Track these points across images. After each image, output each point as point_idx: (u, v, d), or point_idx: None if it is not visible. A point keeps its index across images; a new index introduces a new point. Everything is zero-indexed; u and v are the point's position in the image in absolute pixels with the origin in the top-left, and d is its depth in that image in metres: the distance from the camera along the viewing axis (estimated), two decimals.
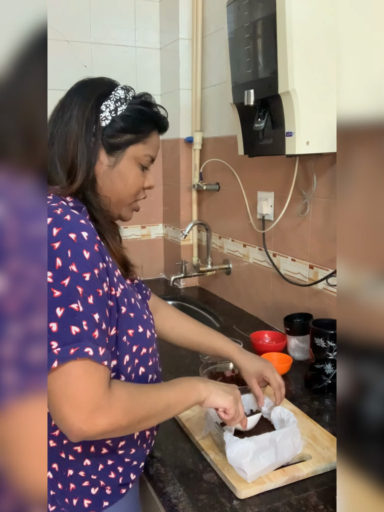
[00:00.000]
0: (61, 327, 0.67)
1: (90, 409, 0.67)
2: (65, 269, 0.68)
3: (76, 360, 0.67)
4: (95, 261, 0.72)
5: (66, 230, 0.70)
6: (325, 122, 1.17)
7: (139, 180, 0.89)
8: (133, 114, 0.85)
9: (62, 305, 0.67)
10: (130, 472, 0.86)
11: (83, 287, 0.69)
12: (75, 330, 0.68)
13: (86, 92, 0.85)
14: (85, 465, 0.81)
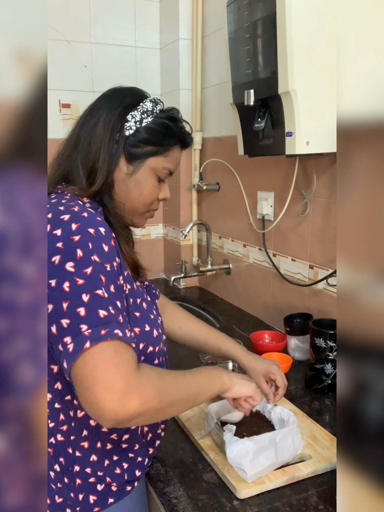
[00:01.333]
0: (89, 311, 0.68)
1: (122, 388, 0.67)
2: (87, 259, 0.71)
3: (107, 341, 0.67)
4: (112, 254, 0.75)
5: (85, 225, 0.73)
6: (325, 122, 1.17)
7: (155, 191, 0.92)
8: (157, 127, 0.88)
9: (87, 291, 0.69)
10: (136, 469, 0.87)
11: (105, 276, 0.72)
12: (103, 313, 0.69)
13: (115, 100, 0.88)
14: (92, 461, 0.82)
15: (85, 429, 0.82)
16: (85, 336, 0.67)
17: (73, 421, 0.81)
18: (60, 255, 0.71)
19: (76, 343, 0.67)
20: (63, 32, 1.94)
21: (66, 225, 0.72)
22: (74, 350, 0.67)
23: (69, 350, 0.67)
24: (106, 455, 0.84)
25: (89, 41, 2.01)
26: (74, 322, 0.68)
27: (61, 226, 0.72)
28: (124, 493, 0.86)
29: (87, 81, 2.03)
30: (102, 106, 0.87)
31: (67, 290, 0.69)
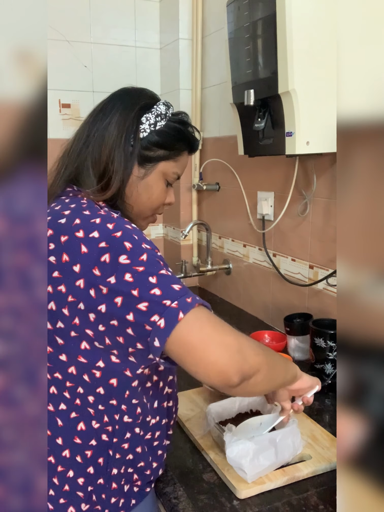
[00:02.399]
0: (164, 288, 0.67)
1: (236, 342, 0.67)
2: (138, 248, 0.71)
3: (196, 307, 0.67)
4: (153, 244, 0.76)
5: (121, 223, 0.74)
6: (325, 122, 1.17)
7: (163, 195, 0.92)
8: (170, 131, 0.88)
9: (153, 274, 0.68)
10: (160, 468, 0.88)
11: (160, 259, 0.73)
12: (177, 287, 0.68)
13: (129, 101, 0.86)
14: (127, 459, 0.82)
15: (129, 432, 0.81)
16: (174, 308, 0.65)
17: (117, 424, 0.80)
18: (108, 253, 0.69)
19: (167, 317, 0.65)
20: (63, 32, 1.94)
21: (102, 226, 0.72)
22: (167, 324, 0.65)
23: (160, 326, 0.65)
24: (143, 457, 0.84)
25: (89, 41, 2.01)
26: (154, 301, 0.66)
27: (97, 229, 0.71)
28: (144, 494, 0.86)
29: (87, 81, 2.03)
30: (115, 106, 0.86)
31: (131, 280, 0.67)
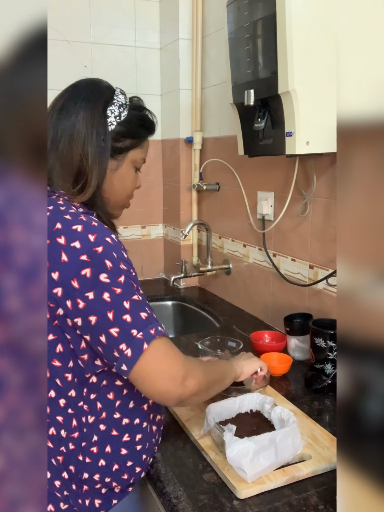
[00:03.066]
0: (134, 316, 0.75)
1: (182, 375, 0.77)
2: (117, 268, 0.75)
3: (157, 339, 0.76)
4: (129, 260, 0.80)
5: (101, 235, 0.76)
6: (325, 122, 1.17)
7: (135, 182, 0.95)
8: (133, 120, 0.90)
9: (127, 298, 0.75)
10: (143, 471, 0.91)
11: (133, 281, 0.78)
12: (144, 315, 0.76)
13: (91, 96, 0.86)
14: (100, 466, 0.85)
15: (95, 434, 0.84)
16: (139, 339, 0.74)
17: (85, 427, 0.83)
18: (90, 268, 0.73)
19: (133, 347, 0.74)
20: (63, 32, 1.94)
21: (84, 237, 0.74)
22: (134, 354, 0.74)
23: (127, 355, 0.74)
24: (118, 459, 0.86)
25: (89, 41, 2.01)
26: (124, 329, 0.74)
27: (78, 238, 0.73)
28: (126, 493, 0.89)
29: None
30: (77, 103, 0.85)
31: (109, 300, 0.73)
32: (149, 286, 2.21)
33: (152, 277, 2.33)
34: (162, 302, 2.09)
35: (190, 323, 2.00)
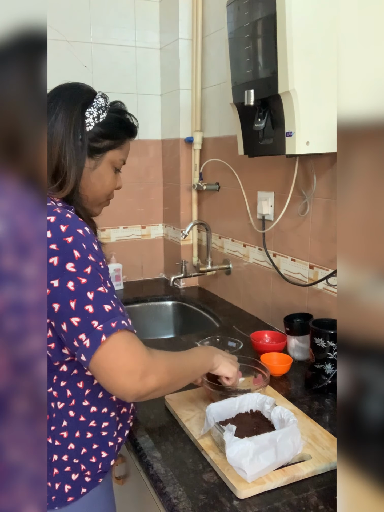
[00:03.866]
0: (96, 307, 0.75)
1: (141, 371, 0.77)
2: (85, 259, 0.76)
3: (118, 332, 0.76)
4: (100, 253, 0.82)
5: (73, 226, 0.78)
6: (325, 122, 1.17)
7: (113, 182, 0.99)
8: (112, 122, 0.94)
9: (91, 289, 0.76)
10: (111, 459, 0.93)
11: (101, 273, 0.79)
12: (108, 308, 0.77)
13: (71, 97, 0.91)
14: (69, 449, 0.87)
15: (65, 420, 0.87)
16: (98, 331, 0.74)
17: (54, 412, 0.86)
18: (57, 256, 0.74)
19: (92, 338, 0.74)
20: (63, 32, 1.94)
21: (55, 227, 0.76)
22: (92, 345, 0.74)
23: (86, 345, 0.75)
24: (85, 443, 0.89)
25: (89, 41, 2.01)
26: (85, 319, 0.74)
27: (50, 228, 0.76)
28: (95, 483, 0.91)
29: (87, 81, 1.98)
30: (57, 104, 0.89)
31: (72, 289, 0.74)
32: (149, 286, 2.21)
33: (152, 277, 2.33)
34: (162, 302, 2.09)
35: (190, 323, 2.00)
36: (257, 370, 1.19)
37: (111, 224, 2.14)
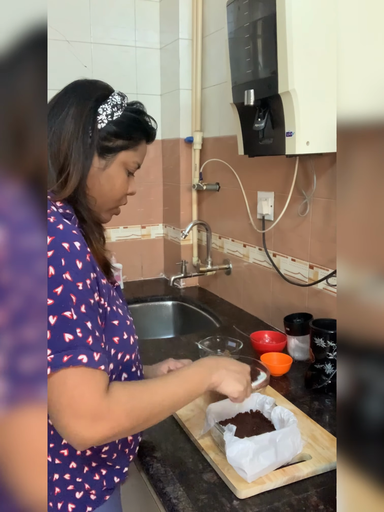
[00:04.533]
0: (55, 334, 0.66)
1: (90, 416, 0.67)
2: (58, 277, 0.68)
3: (69, 368, 0.66)
4: (87, 272, 0.72)
5: (59, 239, 0.70)
6: (325, 122, 1.17)
7: (125, 185, 0.91)
8: (127, 121, 0.88)
9: (55, 313, 0.67)
10: (114, 476, 0.86)
11: (76, 295, 0.69)
12: (69, 337, 0.67)
13: (84, 93, 0.86)
14: (71, 468, 0.81)
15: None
16: (47, 362, 0.65)
17: (52, 429, 0.79)
18: None
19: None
20: (63, 32, 1.94)
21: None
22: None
23: None
24: (86, 461, 0.82)
25: (89, 41, 2.01)
26: None
27: None
28: (102, 501, 0.85)
29: None
30: (69, 99, 0.85)
31: None
32: (149, 286, 2.21)
33: (152, 277, 2.33)
34: (162, 302, 2.09)
35: (190, 323, 2.00)
36: (257, 370, 1.19)
37: (111, 224, 2.12)
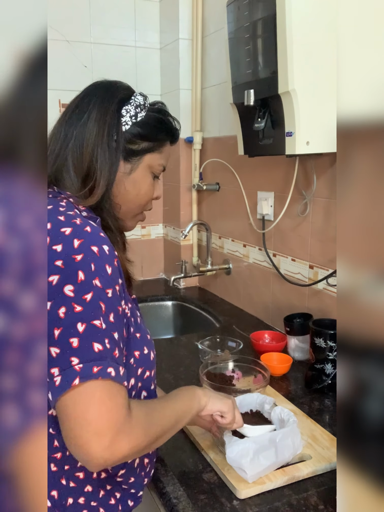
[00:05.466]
0: (83, 343, 0.63)
1: (113, 434, 0.63)
2: (88, 283, 0.65)
3: (98, 380, 0.62)
4: (115, 277, 0.69)
5: (88, 242, 0.67)
6: (325, 122, 1.17)
7: (151, 190, 0.88)
8: (151, 122, 0.84)
9: (84, 320, 0.63)
10: (128, 499, 0.83)
11: (105, 303, 0.66)
12: (98, 347, 0.63)
13: (106, 94, 0.82)
14: (86, 491, 0.77)
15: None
16: (75, 371, 0.61)
17: (68, 450, 0.73)
18: (59, 275, 0.64)
19: (64, 376, 0.62)
20: (63, 32, 1.94)
21: (68, 241, 0.66)
22: (61, 384, 0.61)
23: (55, 383, 0.62)
24: (102, 485, 0.78)
25: (89, 41, 2.01)
26: (65, 352, 0.62)
27: (62, 242, 0.66)
28: None
29: (87, 81, 2.01)
30: (91, 101, 0.81)
31: (62, 316, 0.63)
32: (149, 286, 2.21)
33: (152, 277, 2.33)
34: (162, 302, 2.09)
35: (190, 323, 2.00)
36: (257, 370, 1.19)
37: None
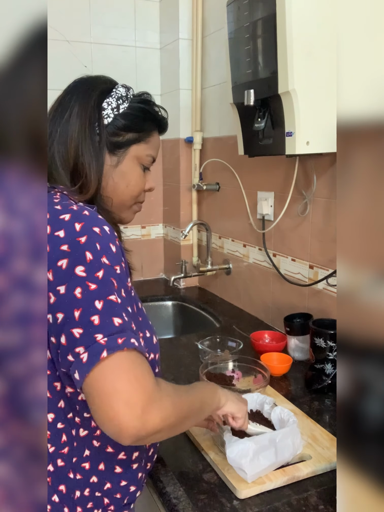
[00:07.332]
0: (104, 318, 0.64)
1: (145, 403, 0.62)
2: (98, 261, 0.66)
3: (124, 351, 0.63)
4: (120, 255, 0.71)
5: (89, 224, 0.68)
6: (325, 122, 1.17)
7: (141, 181, 0.88)
8: (135, 112, 0.84)
9: (101, 297, 0.64)
10: (138, 490, 0.84)
11: (116, 279, 0.67)
12: (118, 321, 0.64)
13: (87, 89, 0.83)
14: (91, 483, 0.77)
15: (88, 449, 0.76)
16: (101, 345, 0.62)
17: (75, 440, 0.76)
18: (67, 258, 0.65)
19: (91, 352, 0.62)
20: (63, 32, 1.94)
21: (69, 226, 0.67)
22: (89, 360, 0.62)
23: (82, 360, 0.62)
24: (111, 478, 0.78)
25: (89, 41, 2.01)
26: (88, 331, 0.63)
27: (63, 227, 0.67)
28: None
29: None
30: (72, 98, 0.81)
31: (79, 296, 0.64)
32: (149, 286, 2.21)
33: (152, 277, 2.33)
34: (162, 302, 2.09)
35: (190, 323, 2.00)
36: (257, 370, 1.19)
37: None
